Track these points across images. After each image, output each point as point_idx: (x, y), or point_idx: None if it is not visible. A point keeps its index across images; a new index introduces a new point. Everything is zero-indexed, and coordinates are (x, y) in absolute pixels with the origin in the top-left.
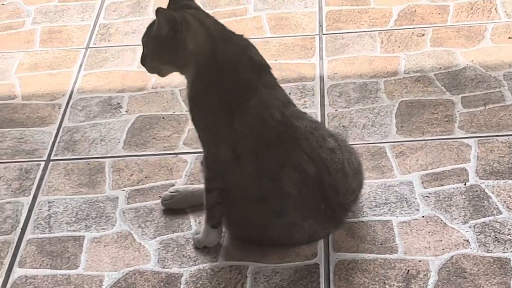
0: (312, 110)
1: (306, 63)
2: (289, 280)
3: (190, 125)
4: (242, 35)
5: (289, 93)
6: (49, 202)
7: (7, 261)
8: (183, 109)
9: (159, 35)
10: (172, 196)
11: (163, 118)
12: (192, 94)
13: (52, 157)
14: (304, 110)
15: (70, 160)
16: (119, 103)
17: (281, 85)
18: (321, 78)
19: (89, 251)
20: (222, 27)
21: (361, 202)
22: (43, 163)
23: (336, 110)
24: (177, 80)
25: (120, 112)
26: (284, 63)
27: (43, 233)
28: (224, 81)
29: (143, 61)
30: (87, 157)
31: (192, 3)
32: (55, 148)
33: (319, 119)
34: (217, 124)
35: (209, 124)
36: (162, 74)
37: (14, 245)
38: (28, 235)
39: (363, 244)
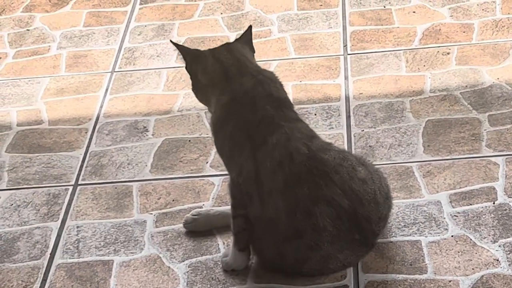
0: (338, 130)
1: (331, 84)
2: None
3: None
4: (267, 71)
5: (315, 114)
6: (77, 227)
7: (37, 286)
8: (209, 131)
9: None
10: (194, 219)
11: (190, 141)
12: (215, 121)
13: (79, 182)
14: (330, 131)
15: (98, 184)
16: (145, 127)
17: (306, 106)
18: (347, 98)
19: (118, 275)
20: (240, 62)
21: (389, 223)
22: (71, 188)
23: (363, 130)
24: None
25: (147, 135)
26: (309, 84)
27: (72, 258)
28: (243, 115)
29: (192, 89)
30: (114, 181)
31: (234, 43)
32: (82, 173)
33: (345, 139)
34: (240, 155)
35: (232, 154)
36: (203, 101)
37: (44, 270)
38: (57, 260)
39: (392, 265)
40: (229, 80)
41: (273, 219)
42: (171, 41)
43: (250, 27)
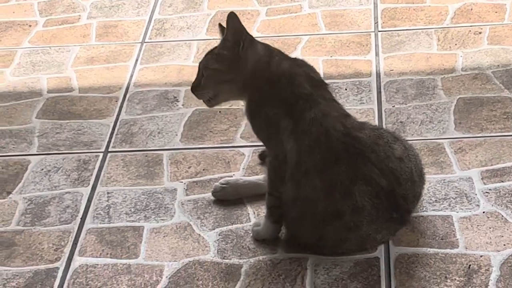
0: (369, 106)
1: (362, 60)
2: (349, 273)
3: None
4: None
5: (346, 89)
6: (108, 193)
7: (67, 249)
8: (239, 103)
9: (223, 51)
10: (223, 188)
11: (220, 112)
12: (251, 106)
13: (110, 149)
14: (360, 106)
15: (128, 152)
16: (175, 97)
17: (337, 81)
18: (378, 75)
19: (149, 241)
20: (278, 50)
21: (421, 198)
22: (101, 155)
23: (393, 106)
24: None
25: (177, 105)
26: (340, 60)
27: (103, 223)
28: (282, 93)
29: (195, 89)
30: (144, 149)
31: None
32: (113, 140)
33: (376, 114)
34: (279, 134)
35: (272, 135)
36: (217, 98)
37: (74, 234)
38: (87, 225)
39: (423, 239)
40: (269, 64)
41: (311, 199)
42: (231, 12)
43: None
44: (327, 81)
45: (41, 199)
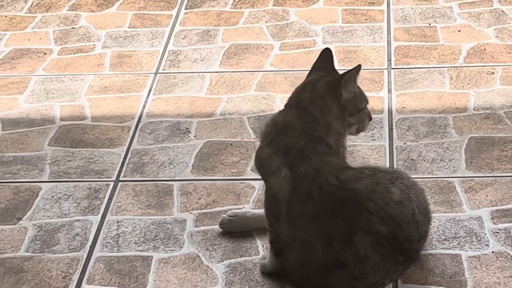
0: (381, 142)
1: (375, 96)
2: None
3: None
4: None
5: None
6: (117, 222)
7: (75, 277)
8: (251, 136)
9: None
10: (230, 220)
11: (231, 144)
12: (261, 153)
13: (121, 178)
14: (372, 143)
15: (139, 181)
16: (187, 128)
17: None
18: (390, 112)
19: (157, 271)
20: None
21: (430, 235)
22: (112, 184)
23: (405, 144)
24: (245, 107)
25: (189, 137)
26: None
27: (112, 252)
28: (278, 142)
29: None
30: (155, 179)
31: None
32: (124, 169)
33: (387, 151)
34: (272, 177)
35: (266, 177)
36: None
37: (83, 262)
38: (96, 253)
39: (432, 277)
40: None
41: (307, 245)
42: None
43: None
44: None
45: (50, 226)
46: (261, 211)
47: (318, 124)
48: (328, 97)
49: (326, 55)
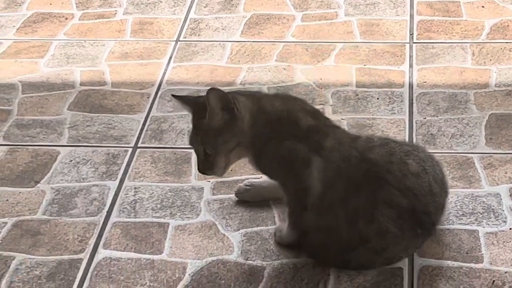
0: (400, 116)
1: (396, 70)
2: (372, 281)
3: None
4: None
5: (377, 98)
6: (135, 188)
7: (92, 241)
8: None
9: (216, 121)
10: (246, 189)
11: None
12: (257, 157)
13: (139, 144)
14: (391, 116)
15: (157, 148)
16: None
17: (369, 89)
18: (410, 86)
19: (173, 238)
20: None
21: (447, 210)
22: (130, 150)
23: (425, 118)
24: (265, 77)
25: None
26: (373, 69)
27: (129, 217)
28: (288, 129)
29: (206, 167)
30: (174, 147)
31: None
32: (142, 136)
33: (407, 126)
34: (296, 168)
35: (289, 171)
36: (228, 166)
37: (100, 226)
38: (113, 218)
39: (448, 252)
40: (262, 109)
41: (333, 227)
42: (211, 89)
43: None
44: (358, 89)
45: (68, 190)
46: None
47: (304, 101)
48: None
49: None
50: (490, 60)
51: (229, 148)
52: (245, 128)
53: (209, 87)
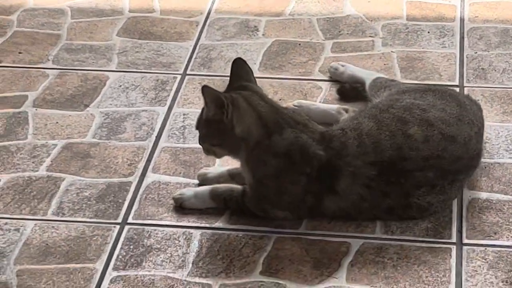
0: (451, 50)
1: (447, 4)
2: None
3: (326, 54)
4: (297, 114)
5: (428, 32)
6: (183, 114)
7: (141, 165)
8: (320, 37)
9: (208, 116)
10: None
11: (300, 44)
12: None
13: (188, 72)
14: (442, 50)
15: (206, 76)
16: (256, 26)
17: (420, 23)
18: (462, 20)
19: (222, 164)
20: (277, 110)
21: (497, 144)
22: (179, 76)
23: (476, 53)
24: (314, 8)
25: (257, 35)
26: (424, 2)
27: (177, 143)
28: (296, 164)
29: (201, 143)
30: (222, 75)
31: (250, 85)
32: (191, 63)
33: (457, 60)
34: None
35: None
36: (217, 156)
37: (149, 151)
38: (162, 143)
39: (498, 185)
40: (268, 133)
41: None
42: (204, 86)
43: None
44: (410, 22)
45: (117, 115)
46: (326, 106)
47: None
48: None
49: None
50: None
51: (213, 143)
52: (234, 138)
53: (257, 18)
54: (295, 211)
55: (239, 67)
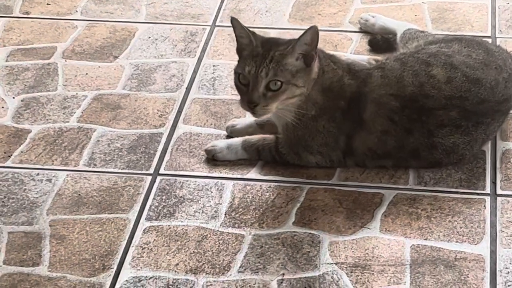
0: (483, 1)
1: None
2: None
3: (356, 5)
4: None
5: None
6: (213, 66)
7: (172, 117)
8: None
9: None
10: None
11: None
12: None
13: (217, 23)
14: (473, 0)
15: None
16: None
17: None
18: None
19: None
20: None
21: None
22: (208, 28)
23: (508, 3)
24: None
25: None
26: None
27: (208, 94)
28: (334, 99)
29: (257, 103)
30: (252, 26)
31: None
32: (220, 15)
33: (489, 10)
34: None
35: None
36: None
37: (179, 102)
38: (192, 95)
39: None
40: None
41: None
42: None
43: None
44: None
45: (147, 66)
46: (357, 56)
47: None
48: None
49: None
50: None
51: (297, 82)
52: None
53: None
54: (327, 155)
55: None
